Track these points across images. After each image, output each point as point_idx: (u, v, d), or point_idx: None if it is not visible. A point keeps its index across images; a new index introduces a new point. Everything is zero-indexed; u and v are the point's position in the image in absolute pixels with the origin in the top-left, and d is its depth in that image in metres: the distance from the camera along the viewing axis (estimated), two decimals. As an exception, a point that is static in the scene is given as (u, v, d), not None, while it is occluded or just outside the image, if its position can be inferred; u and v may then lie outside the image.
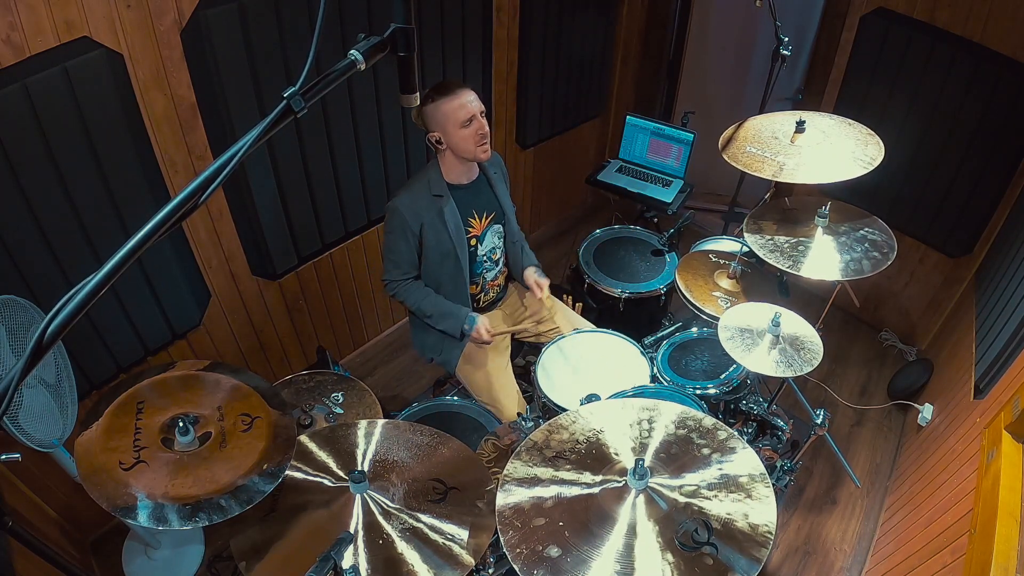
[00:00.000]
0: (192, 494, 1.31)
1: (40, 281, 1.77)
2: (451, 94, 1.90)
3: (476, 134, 1.93)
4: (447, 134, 1.93)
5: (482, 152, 1.97)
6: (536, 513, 1.26)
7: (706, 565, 1.17)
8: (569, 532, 1.22)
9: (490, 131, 1.99)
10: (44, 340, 0.69)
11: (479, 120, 1.93)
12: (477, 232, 2.10)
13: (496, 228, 2.17)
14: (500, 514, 1.26)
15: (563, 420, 1.46)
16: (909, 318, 3.22)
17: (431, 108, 1.92)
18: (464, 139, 1.93)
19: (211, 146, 2.07)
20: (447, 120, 1.91)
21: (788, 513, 2.52)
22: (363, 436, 1.59)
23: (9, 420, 1.37)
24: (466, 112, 1.90)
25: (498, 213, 2.16)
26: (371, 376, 3.04)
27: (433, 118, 1.93)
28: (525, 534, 1.22)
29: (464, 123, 1.90)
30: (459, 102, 1.90)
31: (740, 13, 3.41)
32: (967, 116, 2.54)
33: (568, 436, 1.42)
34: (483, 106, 1.95)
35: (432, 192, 2.00)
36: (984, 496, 1.55)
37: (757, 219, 2.22)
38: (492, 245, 2.18)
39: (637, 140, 3.22)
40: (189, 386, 1.57)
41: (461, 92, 1.91)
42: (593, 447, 1.39)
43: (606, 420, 1.45)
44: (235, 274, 2.39)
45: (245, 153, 0.79)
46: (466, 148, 1.95)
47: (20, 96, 1.57)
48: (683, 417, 1.43)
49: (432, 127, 1.95)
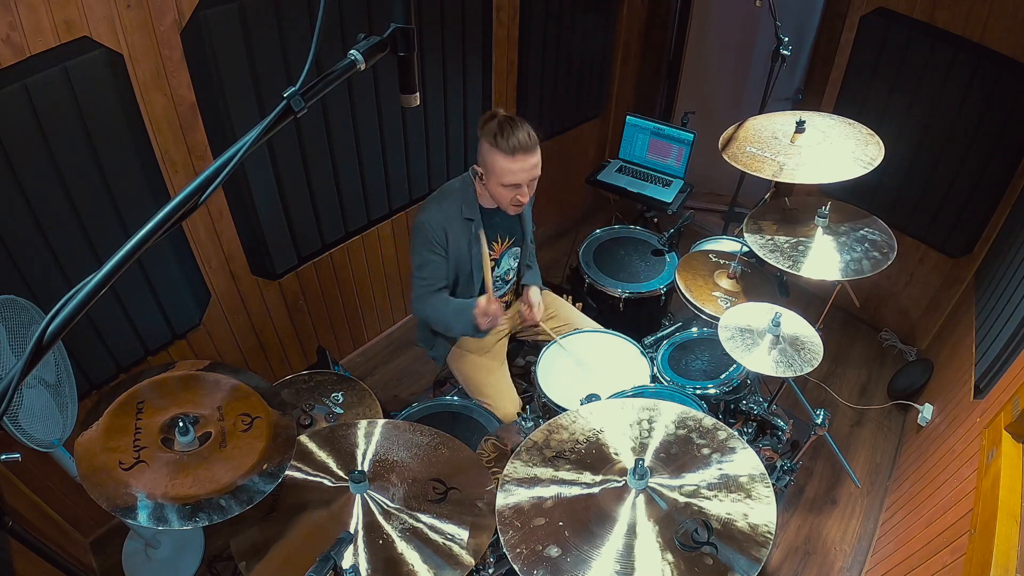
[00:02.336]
0: (192, 494, 1.31)
1: (40, 281, 1.77)
2: (510, 154, 1.77)
3: (515, 196, 1.86)
4: (488, 181, 1.87)
5: (514, 210, 1.91)
6: (536, 513, 1.26)
7: (706, 565, 1.17)
8: (569, 532, 1.22)
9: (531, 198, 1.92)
10: (44, 340, 0.69)
11: (523, 189, 1.85)
12: (496, 255, 2.10)
13: (514, 251, 2.16)
14: (500, 514, 1.26)
15: (563, 420, 1.46)
16: (909, 318, 3.22)
17: (485, 145, 1.81)
18: (501, 196, 1.88)
19: (211, 146, 2.07)
20: (494, 173, 1.82)
21: (788, 513, 2.52)
22: (363, 436, 1.59)
23: (9, 420, 1.37)
24: (514, 180, 1.82)
25: (518, 237, 2.15)
26: (371, 376, 3.04)
27: (482, 154, 1.84)
28: (525, 534, 1.22)
29: (508, 186, 1.84)
30: (514, 167, 1.79)
31: (740, 13, 3.41)
32: (967, 116, 2.54)
33: (568, 436, 1.42)
34: (539, 170, 1.85)
35: (464, 215, 1.95)
36: (984, 496, 1.55)
37: (757, 219, 2.22)
38: (508, 267, 2.18)
39: (637, 140, 3.22)
40: (189, 386, 1.57)
41: (521, 157, 1.78)
42: (593, 447, 1.39)
43: (606, 420, 1.45)
44: (235, 274, 2.39)
45: (245, 153, 0.79)
46: (499, 201, 1.90)
47: (20, 96, 1.57)
48: (683, 417, 1.43)
49: (479, 159, 1.87)
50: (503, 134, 1.76)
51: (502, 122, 1.79)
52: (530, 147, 1.79)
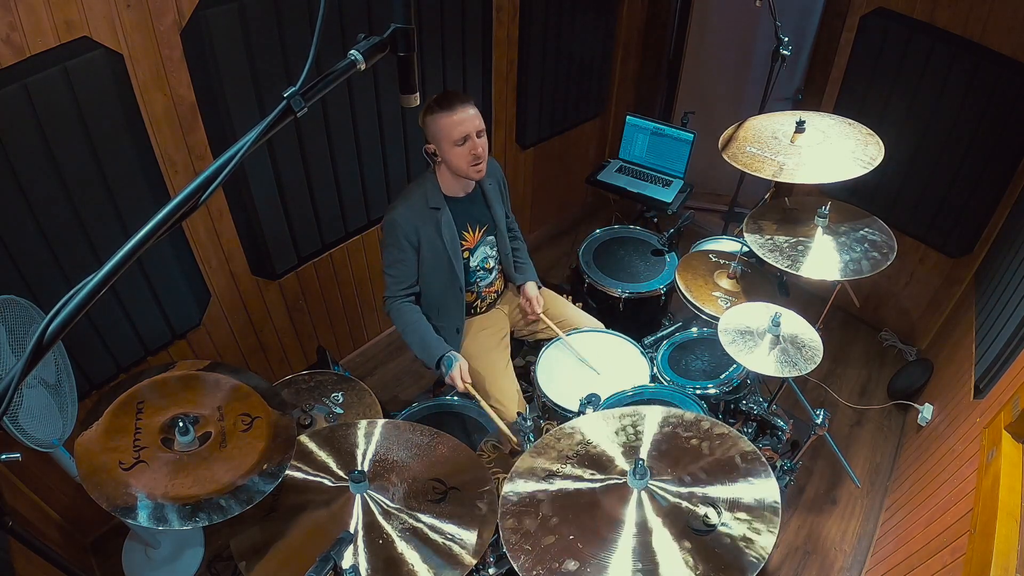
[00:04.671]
0: (192, 494, 1.31)
1: (40, 281, 1.77)
2: (449, 108, 1.83)
3: (470, 154, 1.87)
4: (441, 149, 1.88)
5: (475, 172, 1.92)
6: (543, 533, 1.25)
7: (724, 544, 1.18)
8: (582, 544, 1.21)
9: (489, 147, 1.95)
10: (44, 340, 0.69)
11: (474, 140, 1.86)
12: (471, 245, 2.10)
13: (489, 239, 2.16)
14: (507, 541, 1.24)
15: (547, 440, 1.45)
16: (909, 318, 3.22)
17: (429, 119, 1.87)
18: (457, 157, 1.87)
19: (211, 146, 2.07)
20: (442, 135, 1.85)
21: (788, 513, 2.52)
22: (363, 436, 1.59)
23: (9, 420, 1.37)
24: (461, 130, 1.83)
25: (491, 226, 2.15)
26: (371, 376, 3.04)
27: (430, 130, 1.88)
28: (538, 555, 1.21)
29: (458, 141, 1.84)
30: (456, 118, 1.83)
31: (740, 13, 3.41)
32: (967, 116, 2.54)
33: (556, 455, 1.41)
34: (483, 124, 1.89)
35: (429, 205, 1.96)
36: (984, 496, 1.55)
37: (757, 219, 2.22)
38: (484, 255, 2.18)
39: (637, 140, 3.22)
40: (189, 386, 1.57)
41: (460, 107, 1.83)
42: (584, 459, 1.39)
43: (591, 432, 1.45)
44: (235, 274, 2.39)
45: (245, 153, 0.79)
46: (458, 166, 1.90)
47: (20, 96, 1.57)
48: (665, 416, 1.45)
49: (429, 139, 1.90)
50: (439, 101, 1.85)
51: (436, 97, 1.88)
52: (466, 100, 1.87)
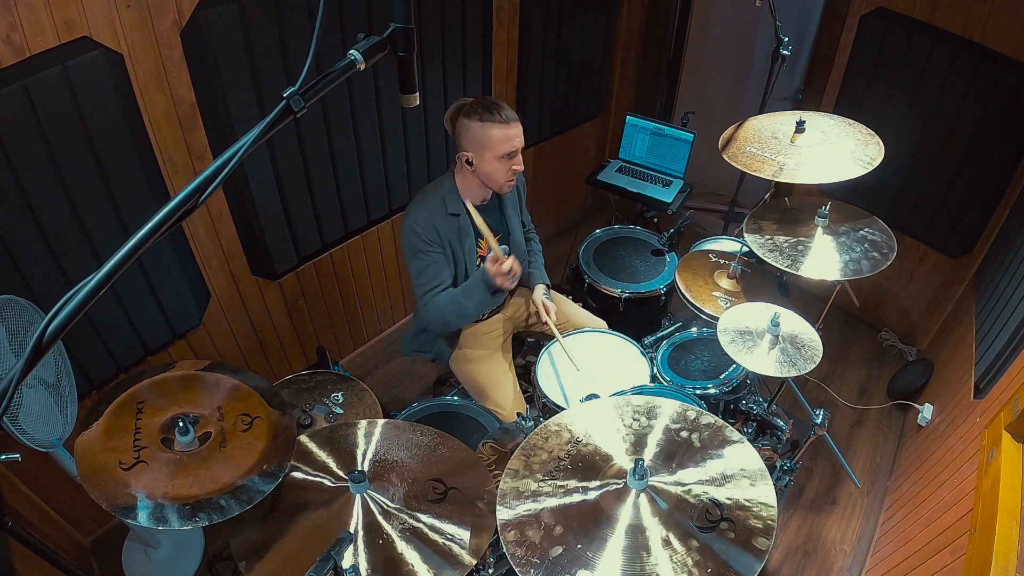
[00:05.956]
0: (192, 494, 1.31)
1: (40, 281, 1.77)
2: (503, 121, 1.80)
3: (510, 170, 1.86)
4: (482, 159, 1.84)
5: (508, 187, 1.92)
6: (549, 544, 1.23)
7: (729, 539, 1.18)
8: (591, 552, 1.21)
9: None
10: (44, 340, 0.69)
11: (519, 157, 1.86)
12: (484, 252, 2.09)
13: (503, 248, 2.15)
14: (514, 556, 1.22)
15: (534, 440, 1.42)
16: (909, 318, 3.22)
17: (475, 125, 1.80)
18: (497, 170, 1.86)
19: (211, 146, 2.07)
20: (488, 145, 1.81)
21: (788, 513, 2.52)
22: (363, 436, 1.59)
23: (9, 420, 1.37)
24: (511, 146, 1.82)
25: (505, 234, 2.14)
26: (371, 376, 3.04)
27: (472, 136, 1.82)
28: (548, 568, 1.20)
29: (504, 156, 1.83)
30: (510, 132, 1.81)
31: (740, 13, 3.41)
32: (967, 116, 2.54)
33: (548, 456, 1.39)
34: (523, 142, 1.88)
35: (448, 211, 1.94)
36: (984, 496, 1.55)
37: (757, 219, 2.22)
38: None
39: (637, 140, 3.22)
40: (189, 386, 1.57)
41: (513, 122, 1.81)
42: (579, 460, 1.38)
43: (587, 430, 1.44)
44: (235, 274, 2.39)
45: (245, 153, 0.79)
46: (495, 179, 1.88)
47: (20, 96, 1.57)
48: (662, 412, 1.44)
49: (466, 145, 1.85)
50: (490, 110, 1.81)
51: (482, 102, 1.83)
52: (516, 117, 1.85)
